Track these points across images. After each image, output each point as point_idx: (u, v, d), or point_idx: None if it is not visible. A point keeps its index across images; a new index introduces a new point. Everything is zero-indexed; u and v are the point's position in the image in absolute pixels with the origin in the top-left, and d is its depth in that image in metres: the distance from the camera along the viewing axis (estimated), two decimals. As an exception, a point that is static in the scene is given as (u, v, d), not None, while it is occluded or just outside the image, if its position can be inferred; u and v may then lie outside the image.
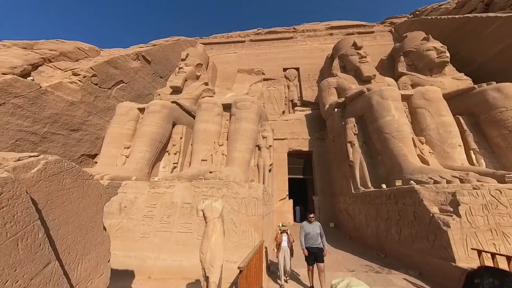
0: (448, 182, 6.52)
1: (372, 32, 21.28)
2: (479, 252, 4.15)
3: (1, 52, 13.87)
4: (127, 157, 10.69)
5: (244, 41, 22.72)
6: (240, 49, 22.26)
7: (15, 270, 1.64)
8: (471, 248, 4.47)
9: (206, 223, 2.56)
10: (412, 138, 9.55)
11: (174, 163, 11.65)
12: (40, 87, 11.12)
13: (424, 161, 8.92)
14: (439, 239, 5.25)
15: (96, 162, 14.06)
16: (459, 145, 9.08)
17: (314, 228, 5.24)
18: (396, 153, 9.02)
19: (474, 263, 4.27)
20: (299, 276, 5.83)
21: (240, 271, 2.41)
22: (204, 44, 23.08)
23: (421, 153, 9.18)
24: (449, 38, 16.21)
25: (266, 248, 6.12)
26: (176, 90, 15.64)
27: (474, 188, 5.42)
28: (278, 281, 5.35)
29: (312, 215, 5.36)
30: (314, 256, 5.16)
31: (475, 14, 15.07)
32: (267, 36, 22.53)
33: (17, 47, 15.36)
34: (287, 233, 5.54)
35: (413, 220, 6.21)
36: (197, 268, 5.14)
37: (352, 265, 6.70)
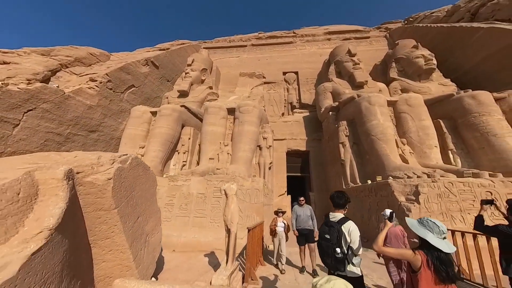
0: (418, 177, 7.95)
1: (368, 37, 22.60)
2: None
3: (23, 60, 15.33)
4: (142, 156, 12.14)
5: (245, 46, 24.09)
6: (242, 53, 23.63)
7: (131, 215, 3.11)
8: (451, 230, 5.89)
9: (227, 198, 3.96)
10: (396, 139, 10.95)
11: (183, 161, 13.11)
12: (64, 93, 12.58)
13: (404, 160, 10.33)
14: (404, 222, 6.68)
15: (110, 161, 15.53)
16: (435, 146, 10.48)
17: (305, 211, 5.77)
18: (380, 153, 10.43)
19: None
20: (292, 257, 6.93)
21: (248, 230, 3.80)
22: (207, 48, 24.48)
23: (403, 153, 10.59)
24: (438, 45, 17.59)
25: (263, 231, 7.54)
26: (183, 94, 17.06)
27: (432, 181, 6.85)
28: (273, 261, 6.08)
29: (301, 198, 6.02)
30: (305, 237, 5.69)
31: (461, 24, 16.41)
32: (268, 41, 23.89)
33: (36, 53, 16.83)
34: (283, 218, 6.56)
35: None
36: (211, 243, 6.62)
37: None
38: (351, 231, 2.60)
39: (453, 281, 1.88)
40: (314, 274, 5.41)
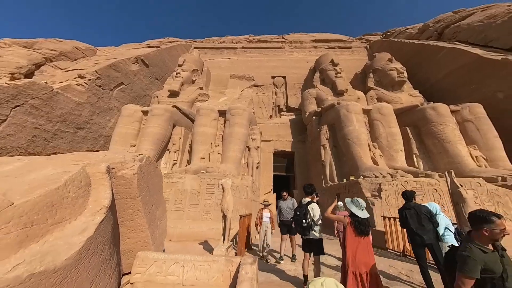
0: (383, 177, 9.45)
1: (351, 47, 24.53)
2: (384, 218, 6.95)
3: (5, 52, 14.90)
4: (134, 154, 12.57)
5: (236, 48, 24.92)
6: (233, 55, 24.43)
7: (148, 203, 3.96)
8: (381, 216, 7.28)
9: (223, 190, 4.88)
10: (368, 144, 12.55)
11: (174, 160, 13.71)
12: (53, 89, 12.58)
13: (375, 162, 11.92)
14: (370, 213, 8.07)
15: (98, 158, 15.63)
16: (401, 150, 12.21)
17: (287, 203, 6.22)
18: (355, 155, 11.93)
19: (383, 227, 7.05)
20: (276, 244, 7.89)
21: (240, 217, 4.77)
22: (198, 48, 24.93)
23: (374, 155, 12.19)
24: (410, 60, 19.82)
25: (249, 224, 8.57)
26: (174, 94, 17.52)
27: (392, 180, 8.34)
28: (258, 252, 6.47)
29: (284, 193, 6.44)
30: (287, 228, 6.14)
31: (429, 42, 18.70)
32: (258, 45, 24.93)
33: (18, 45, 16.33)
34: (269, 210, 6.74)
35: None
36: (205, 233, 7.49)
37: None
38: (313, 209, 3.75)
39: (365, 235, 3.09)
40: (293, 258, 6.15)
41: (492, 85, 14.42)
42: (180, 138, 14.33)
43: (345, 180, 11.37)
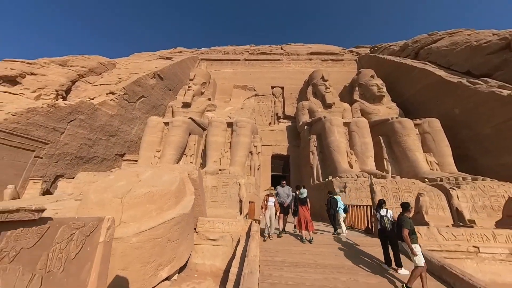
0: (352, 177, 13.13)
1: (342, 60, 28.04)
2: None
3: (47, 71, 18.36)
4: (159, 158, 16.18)
5: (239, 60, 28.33)
6: (236, 67, 27.87)
7: (201, 193, 7.66)
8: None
9: (240, 186, 8.43)
10: (347, 151, 16.22)
11: (190, 163, 17.32)
12: (94, 105, 16.07)
13: (351, 165, 15.61)
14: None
15: (124, 160, 19.27)
16: (371, 156, 15.89)
17: (284, 190, 8.04)
18: (335, 160, 15.60)
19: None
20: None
21: (250, 202, 8.35)
22: (205, 60, 28.32)
23: (350, 160, 15.88)
24: (390, 74, 23.42)
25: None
26: (186, 105, 21.02)
27: (354, 180, 12.04)
28: (264, 234, 8.35)
29: (283, 181, 8.44)
30: (282, 208, 7.82)
31: (406, 61, 22.27)
32: (259, 57, 28.35)
33: (54, 64, 19.78)
34: (274, 196, 10.64)
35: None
36: (222, 215, 11.15)
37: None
38: (299, 194, 7.38)
39: (303, 204, 6.80)
40: (282, 231, 9.66)
41: (451, 101, 18.07)
42: (195, 144, 17.93)
43: (326, 180, 15.06)
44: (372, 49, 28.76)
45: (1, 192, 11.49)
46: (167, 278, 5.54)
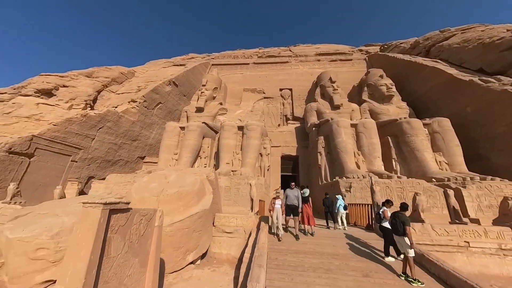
0: (358, 178, 13.83)
1: (351, 59, 28.31)
2: (349, 204, 11.47)
3: (76, 83, 20.56)
4: (177, 160, 17.77)
5: (248, 64, 29.50)
6: (245, 71, 29.07)
7: (218, 192, 8.93)
8: (348, 203, 11.77)
9: (251, 186, 9.54)
10: (354, 152, 16.85)
11: (204, 164, 18.78)
12: (119, 113, 17.96)
13: (358, 166, 16.25)
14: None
15: (145, 162, 21.15)
16: (378, 157, 16.42)
17: (293, 192, 8.03)
18: (342, 161, 16.32)
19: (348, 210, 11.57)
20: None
21: (260, 201, 9.44)
22: (216, 65, 29.80)
23: (357, 161, 16.51)
24: (401, 73, 23.49)
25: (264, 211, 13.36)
26: (199, 110, 22.54)
27: (360, 180, 12.76)
28: (272, 231, 9.97)
29: (292, 183, 8.40)
30: (291, 211, 7.97)
31: (416, 59, 22.26)
32: (267, 60, 29.34)
33: (81, 75, 22.01)
34: (281, 199, 11.85)
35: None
36: (235, 213, 12.40)
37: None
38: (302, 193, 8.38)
39: (306, 202, 7.78)
40: (296, 237, 7.77)
41: (463, 100, 18.05)
42: (208, 146, 19.37)
43: (333, 180, 15.84)
44: (382, 47, 28.71)
45: (45, 191, 13.55)
46: (192, 262, 6.82)
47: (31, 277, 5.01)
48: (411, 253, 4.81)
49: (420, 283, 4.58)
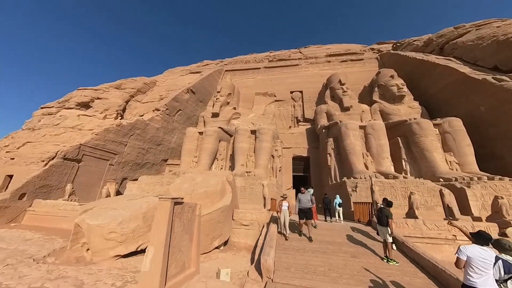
0: (365, 178, 14.94)
1: (362, 59, 28.79)
2: (354, 203, 12.70)
3: (107, 95, 23.48)
4: (196, 163, 19.94)
5: (259, 68, 31.11)
6: (257, 75, 30.72)
7: (235, 192, 10.74)
8: (353, 202, 12.96)
9: (263, 186, 11.13)
10: (362, 153, 17.85)
11: (221, 166, 20.79)
12: (145, 121, 20.51)
13: (366, 167, 17.25)
14: (349, 201, 13.83)
15: (168, 164, 23.66)
16: (387, 158, 17.27)
17: (305, 196, 8.56)
18: (351, 162, 17.42)
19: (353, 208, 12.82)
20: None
21: (272, 199, 11.08)
22: (229, 71, 31.78)
23: (366, 162, 17.51)
24: (413, 72, 23.77)
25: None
26: (215, 115, 24.61)
27: (365, 180, 13.90)
28: (279, 230, 12.90)
29: (302, 188, 9.01)
30: (304, 214, 8.37)
31: (429, 57, 22.43)
32: (278, 63, 30.73)
33: (112, 88, 24.96)
34: (287, 201, 13.59)
35: (345, 195, 14.80)
36: (250, 209, 14.17)
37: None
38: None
39: (312, 204, 9.26)
40: (310, 239, 7.99)
41: (476, 99, 18.23)
42: (224, 149, 21.35)
43: (341, 180, 17.01)
44: (394, 45, 28.81)
45: (89, 190, 16.31)
46: (217, 248, 8.67)
47: (106, 252, 7.12)
48: (390, 239, 6.17)
49: (395, 262, 5.94)
